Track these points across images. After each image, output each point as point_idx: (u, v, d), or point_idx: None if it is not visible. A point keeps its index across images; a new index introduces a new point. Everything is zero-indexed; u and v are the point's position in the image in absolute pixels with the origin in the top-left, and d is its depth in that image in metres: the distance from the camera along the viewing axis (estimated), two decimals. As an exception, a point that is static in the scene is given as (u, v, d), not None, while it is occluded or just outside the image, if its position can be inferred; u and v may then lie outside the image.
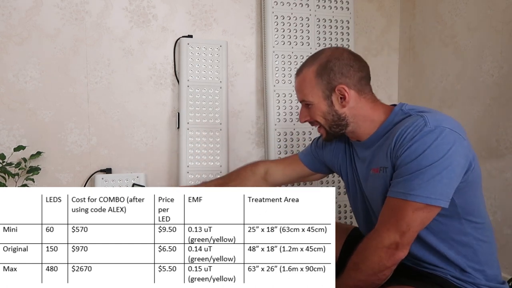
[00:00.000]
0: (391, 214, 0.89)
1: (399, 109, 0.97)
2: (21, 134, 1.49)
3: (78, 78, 1.53)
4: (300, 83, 1.04)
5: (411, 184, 0.86)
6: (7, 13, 1.45)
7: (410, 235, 0.87)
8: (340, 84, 0.98)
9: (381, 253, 0.88)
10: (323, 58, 1.00)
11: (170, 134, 1.63)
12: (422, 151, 0.85)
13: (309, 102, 1.02)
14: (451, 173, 0.85)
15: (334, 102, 1.00)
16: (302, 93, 1.03)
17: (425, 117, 0.89)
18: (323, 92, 1.00)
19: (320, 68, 0.99)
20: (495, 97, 1.42)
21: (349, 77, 0.98)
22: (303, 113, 1.06)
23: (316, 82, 1.00)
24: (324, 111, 1.01)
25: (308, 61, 1.04)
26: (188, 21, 1.63)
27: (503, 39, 1.38)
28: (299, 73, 1.04)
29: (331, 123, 1.02)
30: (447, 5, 1.62)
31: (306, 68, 1.02)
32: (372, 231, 0.93)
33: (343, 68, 0.98)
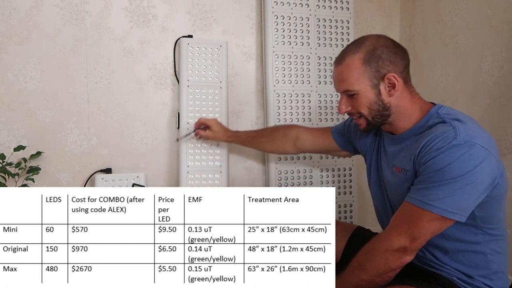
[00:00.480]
0: (404, 219, 0.88)
1: (436, 112, 0.95)
2: (21, 134, 1.49)
3: (78, 78, 1.53)
4: (343, 71, 0.97)
5: (431, 194, 0.84)
6: (7, 13, 1.45)
7: (420, 242, 0.87)
8: (389, 72, 0.94)
9: (388, 256, 0.88)
10: (369, 45, 0.95)
11: (170, 134, 1.63)
12: (448, 164, 0.83)
13: (354, 91, 0.96)
14: (473, 190, 0.83)
15: (382, 91, 0.95)
16: (346, 82, 0.97)
17: (457, 129, 0.86)
18: (371, 80, 0.95)
19: (368, 55, 0.94)
20: (495, 97, 1.42)
21: (397, 65, 0.95)
22: (345, 103, 1.00)
23: (363, 70, 0.94)
24: (371, 101, 0.96)
25: (351, 48, 0.98)
26: (188, 21, 1.63)
27: (503, 39, 1.38)
28: (341, 60, 0.98)
29: (375, 113, 0.98)
30: (447, 5, 1.62)
31: (350, 55, 0.96)
32: (382, 233, 0.93)
33: (391, 55, 0.94)
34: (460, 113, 0.94)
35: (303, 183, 1.66)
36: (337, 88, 1.01)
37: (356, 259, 0.94)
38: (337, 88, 1.02)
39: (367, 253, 0.92)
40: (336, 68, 1.00)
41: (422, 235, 0.86)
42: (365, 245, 0.94)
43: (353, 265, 0.94)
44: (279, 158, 1.64)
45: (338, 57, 1.00)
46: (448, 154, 0.84)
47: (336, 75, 1.00)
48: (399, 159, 0.98)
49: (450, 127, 0.87)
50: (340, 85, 0.99)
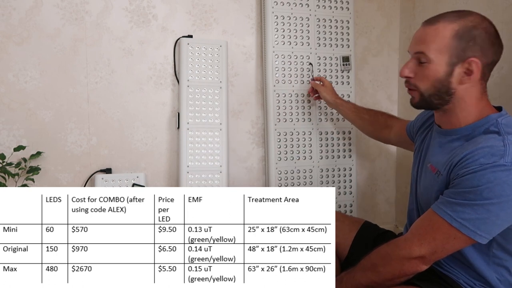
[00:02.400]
0: (429, 230, 0.85)
1: (495, 119, 0.87)
2: (21, 134, 1.49)
3: (78, 78, 1.53)
4: (429, 33, 0.87)
5: (464, 212, 0.80)
6: (7, 13, 1.45)
7: (440, 256, 0.85)
8: (474, 57, 0.85)
9: (406, 263, 0.86)
10: (469, 21, 0.85)
11: (170, 134, 1.63)
12: (487, 183, 0.78)
13: (427, 59, 0.87)
14: (508, 217, 0.79)
15: (454, 73, 0.86)
16: (425, 45, 0.87)
17: (507, 148, 0.79)
18: (450, 57, 0.86)
19: (463, 30, 0.85)
20: (495, 97, 1.42)
21: (486, 56, 0.86)
22: (410, 67, 0.91)
23: (450, 42, 0.85)
24: (438, 77, 0.87)
25: (450, 15, 0.88)
26: (188, 21, 1.63)
27: (503, 39, 1.37)
28: (434, 22, 0.88)
29: (435, 92, 0.89)
30: (447, 5, 1.62)
31: (445, 22, 0.86)
32: (402, 239, 0.89)
33: (486, 43, 0.85)
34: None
35: (303, 183, 1.66)
36: (412, 47, 0.91)
37: (369, 260, 0.91)
38: (412, 47, 0.91)
39: (383, 256, 0.90)
40: (423, 27, 0.89)
41: (445, 250, 0.84)
42: (382, 247, 0.91)
43: (365, 265, 0.92)
44: (279, 158, 1.64)
45: (432, 18, 0.90)
46: (490, 173, 0.78)
47: (419, 34, 0.90)
48: (436, 158, 0.93)
49: (501, 143, 0.80)
50: (417, 46, 0.90)
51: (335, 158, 1.70)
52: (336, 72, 1.70)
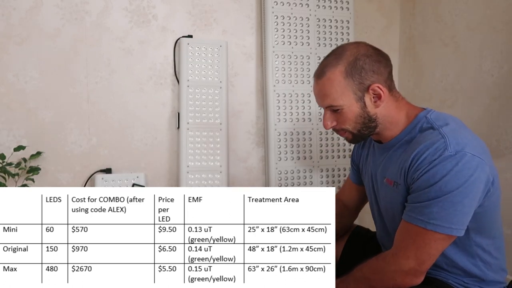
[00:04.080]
0: (410, 241, 0.86)
1: (424, 117, 0.91)
2: (21, 134, 1.49)
3: (78, 78, 1.53)
4: (325, 86, 0.92)
5: (432, 212, 0.82)
6: (7, 13, 1.45)
7: (429, 263, 0.86)
8: (373, 83, 0.90)
9: (398, 278, 0.87)
10: (349, 56, 0.90)
11: (170, 134, 1.63)
12: (442, 177, 0.80)
13: (338, 106, 0.92)
14: (472, 201, 0.81)
15: (367, 103, 0.91)
16: (329, 97, 0.92)
17: (446, 139, 0.83)
18: (355, 93, 0.90)
19: (349, 67, 0.89)
20: (495, 97, 1.42)
21: (381, 74, 0.91)
22: (329, 119, 0.95)
23: (346, 83, 0.90)
24: (357, 114, 0.92)
25: (330, 61, 0.93)
26: (188, 21, 1.63)
27: (503, 39, 1.38)
28: (321, 75, 0.92)
29: (362, 126, 0.94)
30: (447, 5, 1.62)
31: (331, 68, 0.91)
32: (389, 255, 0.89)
33: (374, 65, 0.90)
34: (449, 118, 0.91)
35: (303, 183, 1.66)
36: (319, 103, 0.96)
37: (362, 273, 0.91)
38: (320, 104, 0.96)
39: (375, 271, 0.90)
40: (317, 82, 0.94)
41: (431, 256, 0.85)
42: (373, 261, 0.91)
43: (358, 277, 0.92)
44: (279, 158, 1.64)
45: (318, 71, 0.94)
46: (441, 167, 0.81)
47: (318, 91, 0.95)
48: (389, 171, 0.95)
49: (439, 136, 0.84)
50: (323, 101, 0.94)
51: (335, 158, 1.70)
52: (336, 72, 1.70)
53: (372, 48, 0.93)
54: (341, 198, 1.23)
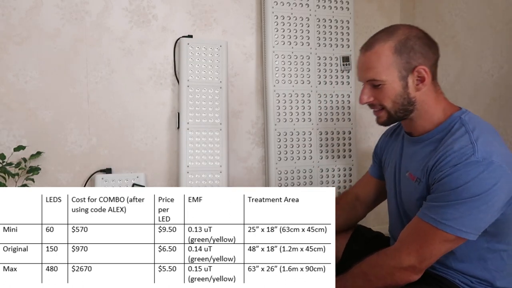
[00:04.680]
0: (416, 237, 0.86)
1: (458, 117, 0.91)
2: (21, 134, 1.49)
3: (78, 78, 1.53)
4: (371, 59, 0.91)
5: (446, 213, 0.82)
6: (7, 13, 1.45)
7: (430, 262, 0.86)
8: (420, 65, 0.89)
9: (396, 272, 0.87)
10: (401, 35, 0.90)
11: (170, 134, 1.63)
12: (464, 182, 0.80)
13: (380, 81, 0.91)
14: (489, 209, 0.81)
15: (409, 84, 0.91)
16: (373, 70, 0.91)
17: (475, 144, 0.82)
18: (400, 72, 0.90)
19: (400, 45, 0.89)
20: (495, 97, 1.42)
21: (428, 58, 0.91)
22: (367, 93, 0.94)
23: (393, 59, 0.89)
24: (397, 93, 0.91)
25: (381, 36, 0.92)
26: (188, 21, 1.63)
27: (503, 39, 1.38)
28: (370, 48, 0.92)
29: (399, 107, 0.93)
30: (447, 5, 1.62)
31: (380, 42, 0.91)
32: (391, 249, 0.90)
33: (423, 47, 0.90)
34: (482, 123, 0.90)
35: (303, 183, 1.66)
36: (361, 76, 0.95)
37: (360, 269, 0.92)
38: (361, 77, 0.95)
39: (373, 266, 0.90)
40: (364, 54, 0.93)
41: (433, 256, 0.85)
42: (372, 257, 0.92)
43: (356, 273, 0.92)
44: (279, 158, 1.64)
45: (367, 43, 0.94)
46: (465, 172, 0.80)
47: (362, 62, 0.94)
48: (413, 165, 0.95)
49: (468, 140, 0.83)
50: (365, 73, 0.93)
51: (335, 158, 1.70)
52: (336, 72, 1.70)
53: (424, 33, 0.93)
54: (355, 190, 1.24)
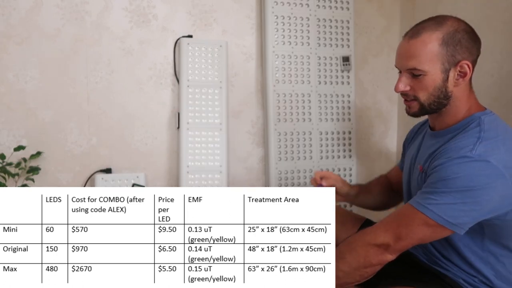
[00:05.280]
0: (396, 217, 0.87)
1: (479, 117, 0.89)
2: (21, 134, 1.49)
3: (78, 78, 1.53)
4: (416, 47, 0.88)
5: (430, 198, 0.82)
6: (7, 13, 1.45)
7: (405, 244, 0.85)
8: (464, 60, 0.88)
9: (370, 249, 0.87)
10: (450, 26, 0.88)
11: (170, 134, 1.63)
12: (454, 174, 0.80)
13: (421, 71, 0.88)
14: (476, 206, 0.80)
15: (449, 78, 0.89)
16: (416, 59, 0.88)
17: (478, 142, 0.82)
18: (443, 64, 0.87)
19: (448, 36, 0.87)
20: (495, 97, 1.42)
21: (472, 55, 0.89)
22: (405, 81, 0.91)
23: (439, 50, 0.87)
24: (436, 85, 0.88)
25: (429, 24, 0.89)
26: (188, 21, 1.63)
27: (503, 39, 1.38)
28: (416, 35, 0.89)
29: (434, 100, 0.90)
30: (447, 5, 1.62)
31: (428, 32, 0.88)
32: (370, 227, 0.91)
33: (470, 42, 0.88)
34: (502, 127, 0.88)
35: (303, 183, 1.66)
36: (402, 64, 0.92)
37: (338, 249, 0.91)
38: (401, 64, 0.92)
39: (349, 243, 0.91)
40: (408, 42, 0.90)
41: (409, 237, 0.84)
42: (350, 236, 0.93)
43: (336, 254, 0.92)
44: (279, 158, 1.64)
45: (413, 31, 0.91)
46: (457, 165, 0.80)
47: (405, 49, 0.90)
48: (424, 158, 0.95)
49: (475, 138, 0.83)
50: (407, 61, 0.90)
51: (335, 158, 1.70)
52: (336, 72, 1.70)
53: (471, 27, 0.91)
54: (389, 177, 1.25)
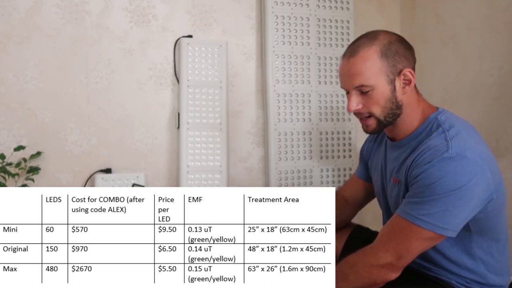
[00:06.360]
0: (393, 234, 0.86)
1: (435, 117, 0.92)
2: (21, 134, 1.49)
3: (78, 78, 1.53)
4: (357, 65, 0.90)
5: (422, 208, 0.82)
6: (7, 13, 1.45)
7: (407, 260, 0.85)
8: (406, 68, 0.90)
9: (374, 271, 0.87)
10: (384, 39, 0.91)
11: (170, 134, 1.63)
12: (439, 178, 0.81)
13: (370, 87, 0.90)
14: (465, 205, 0.81)
15: (397, 88, 0.91)
16: (361, 76, 0.89)
17: (449, 142, 0.83)
18: (387, 75, 0.89)
19: (384, 48, 0.89)
20: (495, 97, 1.42)
21: (410, 61, 0.92)
22: (355, 100, 0.92)
23: (380, 63, 0.89)
24: (386, 98, 0.90)
25: (363, 42, 0.92)
26: (188, 21, 1.63)
27: (503, 39, 1.38)
28: (354, 54, 0.91)
29: (388, 112, 0.92)
30: (447, 5, 1.62)
31: (365, 48, 0.90)
32: (369, 247, 0.90)
33: (406, 51, 0.91)
34: (458, 121, 0.91)
35: (303, 183, 1.66)
36: (348, 83, 0.93)
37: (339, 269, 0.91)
38: (348, 84, 0.93)
39: (352, 265, 0.90)
40: (348, 61, 0.92)
41: (410, 253, 0.84)
42: (350, 256, 0.92)
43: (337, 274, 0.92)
44: (279, 158, 1.64)
45: (350, 50, 0.93)
46: (439, 168, 0.81)
47: (348, 69, 0.92)
48: (396, 170, 0.96)
49: (443, 139, 0.85)
50: (353, 80, 0.91)
51: (335, 158, 1.70)
52: (336, 72, 1.70)
53: (402, 37, 0.95)
54: (342, 193, 1.24)
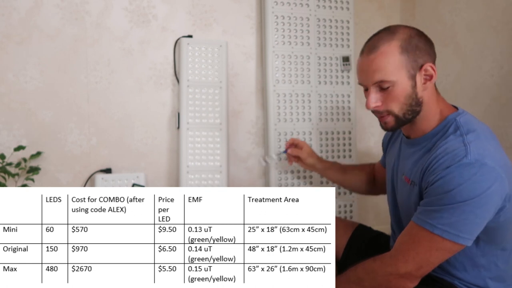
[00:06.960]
0: (412, 244, 0.84)
1: (454, 119, 0.89)
2: (21, 134, 1.49)
3: (78, 78, 1.53)
4: (377, 60, 0.87)
5: (441, 217, 0.80)
6: (7, 13, 1.45)
7: (427, 270, 0.84)
8: (427, 62, 0.87)
9: (392, 280, 0.86)
10: (404, 34, 0.88)
11: (170, 134, 1.63)
12: (457, 185, 0.78)
13: (390, 82, 0.87)
14: (484, 213, 0.79)
15: (417, 83, 0.88)
16: (381, 72, 0.87)
17: (468, 146, 0.80)
18: (408, 71, 0.87)
19: (405, 43, 0.87)
20: (495, 97, 1.42)
21: (431, 56, 0.89)
22: (375, 97, 0.90)
23: (401, 58, 0.86)
24: (406, 94, 0.87)
25: (383, 36, 0.89)
26: (188, 21, 1.63)
27: (503, 39, 1.38)
28: (374, 49, 0.88)
29: (407, 109, 0.89)
30: (447, 5, 1.62)
31: (385, 43, 0.87)
32: (388, 256, 0.88)
33: (426, 45, 0.89)
34: (478, 124, 0.88)
35: (303, 183, 1.66)
36: (367, 79, 0.90)
37: (355, 273, 0.91)
38: (367, 80, 0.90)
39: (369, 271, 0.89)
40: (368, 57, 0.89)
41: (430, 264, 0.83)
42: (368, 262, 0.90)
43: (351, 278, 0.91)
44: (279, 158, 1.64)
45: (369, 46, 0.90)
46: (458, 175, 0.78)
47: (368, 65, 0.89)
48: (408, 168, 0.94)
49: (461, 143, 0.82)
50: (373, 76, 0.88)
51: (335, 158, 1.70)
52: (336, 72, 1.70)
53: (421, 31, 0.92)
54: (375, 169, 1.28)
